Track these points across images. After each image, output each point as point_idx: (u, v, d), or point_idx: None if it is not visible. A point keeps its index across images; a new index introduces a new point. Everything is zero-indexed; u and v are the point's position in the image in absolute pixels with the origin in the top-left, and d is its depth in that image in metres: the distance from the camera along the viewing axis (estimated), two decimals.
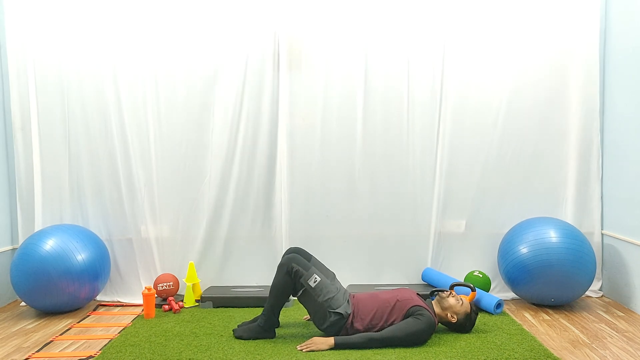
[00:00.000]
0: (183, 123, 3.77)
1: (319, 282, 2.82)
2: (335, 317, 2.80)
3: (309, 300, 2.84)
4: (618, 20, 3.61)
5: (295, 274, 2.81)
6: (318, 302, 2.81)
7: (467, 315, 2.93)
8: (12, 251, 3.85)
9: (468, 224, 3.83)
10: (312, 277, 2.82)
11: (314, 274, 2.83)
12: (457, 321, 2.92)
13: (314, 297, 2.81)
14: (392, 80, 3.75)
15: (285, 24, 3.72)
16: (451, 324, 2.94)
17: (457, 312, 2.92)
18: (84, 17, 3.70)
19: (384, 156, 3.79)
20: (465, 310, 2.93)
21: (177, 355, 2.71)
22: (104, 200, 3.80)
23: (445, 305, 2.94)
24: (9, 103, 3.78)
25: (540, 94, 3.75)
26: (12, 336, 3.10)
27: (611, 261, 3.68)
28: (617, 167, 3.62)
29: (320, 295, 2.81)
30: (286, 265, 2.84)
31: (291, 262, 2.84)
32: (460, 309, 2.92)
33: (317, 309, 2.83)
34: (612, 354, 2.70)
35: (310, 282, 2.80)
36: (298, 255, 2.93)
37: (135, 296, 3.73)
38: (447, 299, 2.95)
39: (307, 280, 2.80)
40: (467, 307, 2.94)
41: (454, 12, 3.72)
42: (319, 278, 2.83)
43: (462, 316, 2.92)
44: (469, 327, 2.96)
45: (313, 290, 2.80)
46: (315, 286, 2.81)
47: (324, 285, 2.84)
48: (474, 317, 2.96)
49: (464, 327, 2.94)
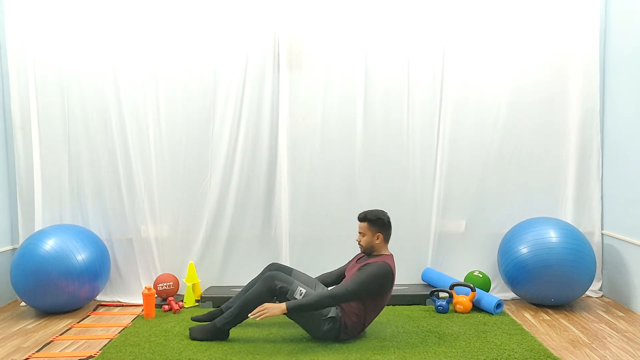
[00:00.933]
0: (183, 123, 3.77)
1: (305, 294, 2.80)
2: (329, 324, 2.80)
3: (298, 313, 2.82)
4: (618, 20, 3.61)
5: (280, 290, 2.78)
6: (308, 313, 2.79)
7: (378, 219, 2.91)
8: (12, 251, 3.85)
9: (468, 224, 3.83)
10: (297, 290, 2.80)
11: (298, 287, 2.81)
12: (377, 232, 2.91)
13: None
14: (392, 80, 3.76)
15: (285, 24, 3.72)
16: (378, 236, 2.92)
17: (369, 240, 2.91)
18: (84, 17, 3.70)
19: (384, 156, 3.79)
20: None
21: (177, 355, 2.71)
22: (104, 200, 3.80)
23: (370, 248, 2.93)
24: (9, 103, 3.78)
25: (540, 94, 3.75)
26: (12, 336, 3.10)
27: (611, 261, 3.68)
28: (617, 167, 3.62)
29: None
30: (269, 282, 2.80)
31: (274, 280, 2.80)
32: (367, 235, 2.92)
33: (308, 319, 2.82)
34: (612, 354, 2.70)
35: (297, 296, 2.78)
36: (280, 272, 2.90)
37: (135, 296, 3.73)
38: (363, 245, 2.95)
39: (292, 295, 2.78)
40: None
41: (454, 13, 3.72)
42: (304, 290, 2.81)
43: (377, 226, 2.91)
44: (387, 221, 2.95)
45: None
46: (302, 298, 2.79)
47: (311, 294, 2.82)
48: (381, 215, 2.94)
49: (384, 222, 2.93)
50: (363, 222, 2.94)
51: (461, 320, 3.21)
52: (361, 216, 2.96)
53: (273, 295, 2.80)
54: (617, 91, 3.63)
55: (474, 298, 3.37)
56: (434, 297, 3.49)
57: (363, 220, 2.94)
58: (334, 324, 2.81)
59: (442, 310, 3.35)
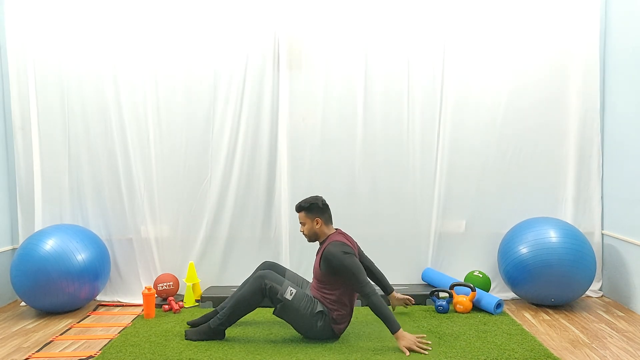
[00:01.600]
0: (183, 123, 3.77)
1: (295, 294, 2.81)
2: (321, 320, 2.81)
3: (289, 312, 2.82)
4: (618, 20, 3.61)
5: (270, 290, 2.78)
6: (300, 313, 2.80)
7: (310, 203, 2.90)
8: (12, 251, 3.85)
9: (468, 224, 3.83)
10: (288, 290, 2.80)
11: (288, 287, 2.82)
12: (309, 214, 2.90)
13: (294, 308, 2.80)
14: (392, 80, 3.75)
15: (285, 24, 3.72)
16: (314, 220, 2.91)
17: (310, 228, 2.91)
18: (84, 17, 3.70)
19: (384, 156, 3.79)
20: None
21: (177, 355, 2.71)
22: (104, 200, 3.80)
23: (314, 235, 2.93)
24: (9, 103, 3.78)
25: (540, 94, 3.75)
26: (12, 336, 3.10)
27: (611, 261, 3.68)
28: (617, 167, 3.62)
29: (300, 305, 2.80)
30: (259, 282, 2.80)
31: (264, 279, 2.80)
32: (307, 224, 2.91)
33: (300, 318, 2.83)
34: (612, 354, 2.70)
35: (287, 296, 2.79)
36: (270, 271, 2.90)
37: (135, 296, 3.73)
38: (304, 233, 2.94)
39: (283, 294, 2.79)
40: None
41: (454, 13, 3.72)
42: (294, 290, 2.82)
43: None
44: (322, 204, 2.93)
45: (292, 303, 2.79)
46: (292, 298, 2.79)
47: (301, 295, 2.83)
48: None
49: (318, 206, 2.91)
50: (300, 212, 2.93)
51: (461, 320, 3.21)
52: (297, 207, 2.95)
53: (263, 295, 2.80)
54: (617, 91, 3.63)
55: (474, 298, 3.37)
56: (434, 297, 3.49)
57: (299, 210, 2.93)
58: (325, 319, 2.82)
59: (442, 310, 3.35)
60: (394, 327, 2.73)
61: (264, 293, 2.80)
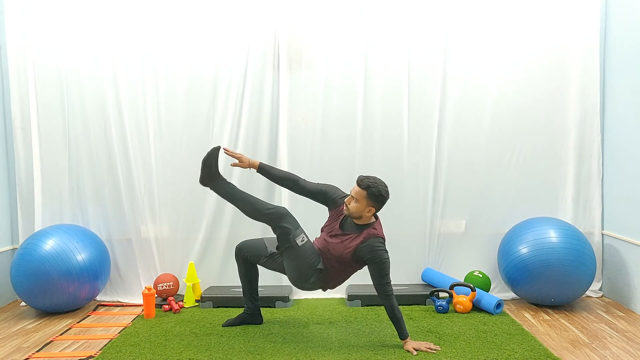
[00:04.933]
0: (183, 123, 3.78)
1: (306, 242, 2.83)
2: (317, 275, 2.82)
3: (291, 257, 2.83)
4: (618, 19, 3.61)
5: (283, 228, 2.80)
6: (302, 261, 2.81)
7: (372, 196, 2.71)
8: (12, 251, 3.85)
9: (468, 224, 3.83)
10: (300, 236, 2.83)
11: (301, 233, 2.84)
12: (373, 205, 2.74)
13: (299, 255, 2.80)
14: (392, 79, 3.75)
15: (286, 23, 3.72)
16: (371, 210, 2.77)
17: (360, 210, 2.73)
18: (84, 17, 3.70)
19: (384, 156, 3.79)
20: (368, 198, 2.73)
21: (177, 355, 2.71)
22: (104, 200, 3.80)
23: (357, 217, 2.77)
24: (9, 103, 3.78)
25: (540, 94, 3.75)
26: (12, 336, 3.10)
27: (611, 261, 3.68)
28: (617, 167, 3.62)
29: (305, 254, 2.81)
30: (280, 210, 2.84)
31: (285, 215, 2.82)
32: (360, 204, 2.71)
33: (298, 267, 2.83)
34: (612, 354, 2.70)
35: (298, 241, 2.81)
36: (292, 215, 2.88)
37: (135, 296, 3.73)
38: (348, 211, 2.77)
39: (295, 238, 2.81)
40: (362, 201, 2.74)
41: (455, 13, 3.72)
42: (306, 239, 2.84)
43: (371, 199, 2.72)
44: (386, 200, 2.77)
45: (299, 249, 2.80)
46: (302, 245, 2.81)
47: (310, 246, 2.85)
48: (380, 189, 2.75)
49: (383, 201, 2.76)
50: (362, 190, 2.69)
51: (461, 320, 3.21)
52: (363, 184, 2.69)
53: (273, 221, 2.82)
54: (617, 91, 3.62)
55: (474, 298, 3.37)
56: (434, 297, 3.49)
57: (363, 187, 2.69)
58: (321, 275, 2.83)
59: (442, 310, 3.35)
60: (404, 333, 2.76)
61: (275, 223, 2.80)
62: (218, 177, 3.01)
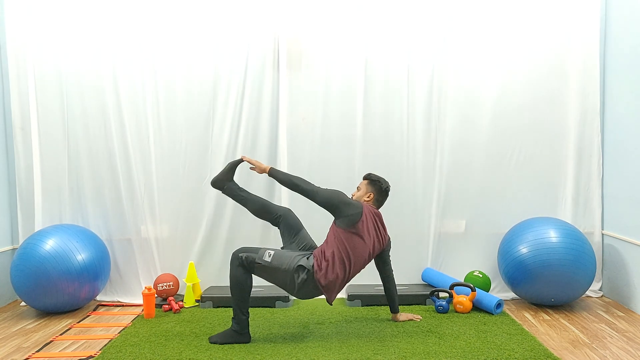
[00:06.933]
0: (183, 123, 3.78)
1: (274, 254, 2.85)
2: (301, 273, 2.80)
3: (268, 271, 2.84)
4: (618, 19, 3.61)
5: (246, 260, 2.83)
6: (280, 270, 2.82)
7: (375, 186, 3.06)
8: (12, 251, 3.85)
9: (468, 224, 3.83)
10: (265, 253, 2.85)
11: (265, 251, 2.86)
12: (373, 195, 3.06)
13: (273, 267, 2.82)
14: (391, 79, 3.76)
15: (285, 24, 3.73)
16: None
17: (360, 196, 3.07)
18: (84, 17, 3.70)
19: (384, 156, 3.79)
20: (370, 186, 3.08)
21: (177, 355, 2.71)
22: (104, 200, 3.80)
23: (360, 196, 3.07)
24: (9, 103, 3.78)
25: (540, 94, 3.75)
26: (12, 336, 3.10)
27: (611, 261, 3.68)
28: (617, 167, 3.62)
29: (280, 262, 2.82)
30: (235, 260, 2.86)
31: (238, 254, 2.86)
32: (361, 191, 3.09)
33: (280, 274, 2.84)
34: (612, 354, 2.70)
35: (266, 258, 2.83)
36: (244, 246, 2.95)
37: (135, 296, 3.73)
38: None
39: (261, 258, 2.83)
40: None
41: (454, 13, 3.72)
42: (272, 251, 2.86)
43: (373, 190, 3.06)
44: (384, 189, 3.08)
45: (271, 264, 2.82)
46: (271, 259, 2.83)
47: (282, 253, 2.87)
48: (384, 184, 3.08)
49: (380, 188, 3.07)
50: (365, 180, 3.12)
51: (461, 320, 3.21)
52: (366, 175, 3.14)
53: (245, 268, 2.84)
54: (617, 91, 3.63)
55: (474, 298, 3.37)
56: (434, 297, 3.49)
57: (366, 178, 3.12)
58: (307, 273, 2.81)
59: (442, 310, 3.35)
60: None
61: (245, 266, 2.84)
62: (231, 181, 3.19)
